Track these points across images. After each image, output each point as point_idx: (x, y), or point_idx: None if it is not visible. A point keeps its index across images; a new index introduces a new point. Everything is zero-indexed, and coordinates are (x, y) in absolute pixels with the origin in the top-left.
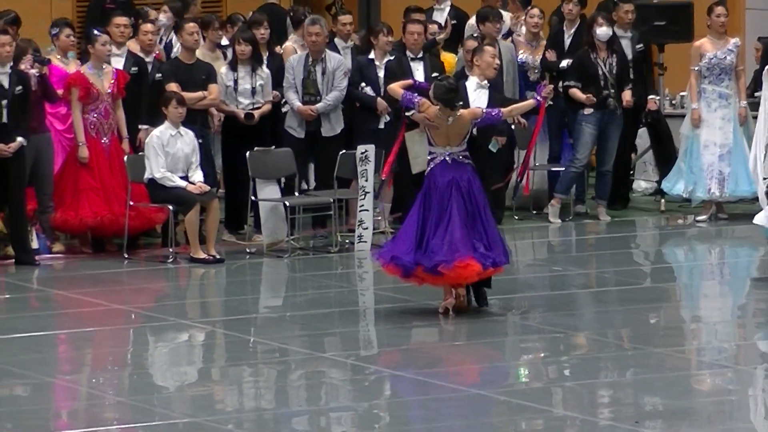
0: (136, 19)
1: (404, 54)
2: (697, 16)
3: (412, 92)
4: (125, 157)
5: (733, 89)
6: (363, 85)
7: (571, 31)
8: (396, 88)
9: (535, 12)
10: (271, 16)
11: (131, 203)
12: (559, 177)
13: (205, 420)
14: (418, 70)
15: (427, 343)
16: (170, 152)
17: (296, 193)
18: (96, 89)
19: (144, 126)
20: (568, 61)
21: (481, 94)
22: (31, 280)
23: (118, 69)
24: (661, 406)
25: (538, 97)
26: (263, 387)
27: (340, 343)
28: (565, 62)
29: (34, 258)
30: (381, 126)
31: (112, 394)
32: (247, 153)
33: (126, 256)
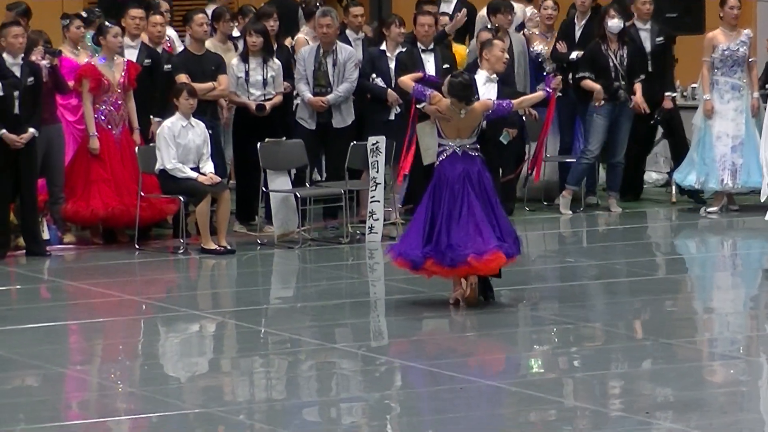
0: (146, 10)
1: (415, 46)
2: (709, 8)
3: (423, 85)
4: (136, 149)
5: (746, 81)
6: (374, 76)
7: (582, 23)
8: (407, 80)
9: (549, 3)
10: (283, 8)
11: (142, 194)
12: (571, 168)
13: (216, 410)
14: (429, 62)
15: (437, 334)
16: (181, 143)
17: (307, 185)
18: (107, 81)
19: (157, 118)
20: (579, 53)
21: (490, 88)
22: (42, 271)
23: (129, 60)
24: (672, 397)
25: (548, 89)
26: (274, 378)
27: (351, 334)
28: (575, 54)
29: (45, 249)
30: (392, 117)
31: (124, 385)
32: (258, 144)
33: (137, 247)
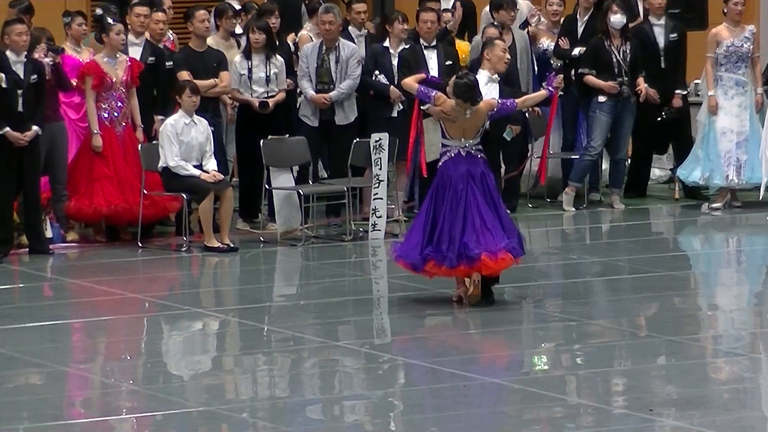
0: (149, 7)
1: (418, 42)
2: (711, 4)
3: (426, 86)
4: (139, 146)
5: (750, 77)
6: (377, 73)
7: (585, 19)
8: (410, 82)
9: (554, 0)
10: (286, 4)
11: (145, 192)
12: (573, 165)
13: (219, 408)
14: (431, 59)
15: (440, 332)
16: (184, 141)
17: (310, 182)
18: (110, 78)
19: (160, 116)
20: (581, 49)
21: (491, 88)
22: (45, 269)
23: (132, 58)
24: (676, 394)
25: (550, 88)
26: (277, 375)
27: (354, 331)
28: (577, 50)
29: (48, 247)
30: (394, 114)
31: (127, 383)
32: (261, 141)
33: (140, 244)
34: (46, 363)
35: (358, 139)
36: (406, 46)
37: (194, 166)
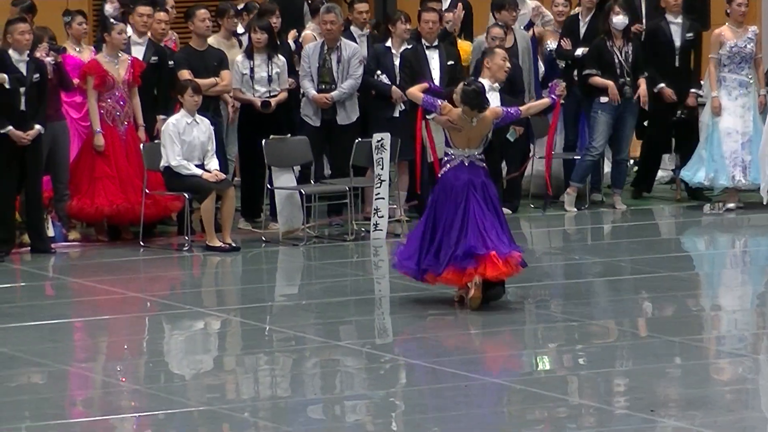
0: (152, 6)
1: (419, 42)
2: (713, 5)
3: (430, 95)
4: (141, 145)
5: (753, 77)
6: (378, 73)
7: (587, 19)
8: (415, 92)
9: (560, 0)
10: (287, 4)
11: (147, 191)
12: (575, 165)
13: (221, 408)
14: (433, 59)
15: (442, 332)
16: (186, 140)
17: (312, 182)
18: (111, 77)
19: (162, 116)
20: (584, 50)
21: (492, 97)
22: (47, 268)
23: (134, 57)
24: (678, 394)
25: (553, 96)
26: (279, 375)
27: (356, 331)
28: (580, 50)
29: (50, 246)
30: (396, 114)
31: (128, 382)
32: (263, 141)
33: (142, 244)
34: (48, 362)
35: (359, 139)
36: (408, 47)
37: (196, 166)
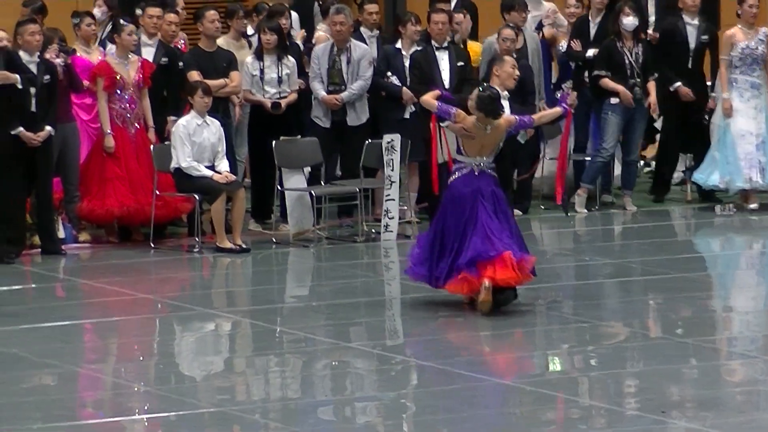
0: (162, 8)
1: (429, 44)
2: (723, 6)
3: (444, 102)
4: (151, 147)
5: (764, 79)
6: (389, 74)
7: (597, 21)
8: (429, 99)
9: (572, 2)
10: (298, 4)
11: (157, 193)
12: (585, 167)
13: (231, 409)
14: (443, 60)
15: (453, 333)
16: (196, 141)
17: (322, 183)
18: (122, 79)
19: (172, 117)
20: (595, 51)
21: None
22: (57, 270)
23: (143, 59)
24: (689, 395)
25: (564, 105)
26: (289, 376)
27: (366, 332)
28: (591, 51)
29: (61, 247)
30: (407, 116)
31: (139, 384)
32: (273, 142)
33: (152, 245)
34: (58, 363)
35: (370, 140)
36: (418, 48)
37: (206, 167)
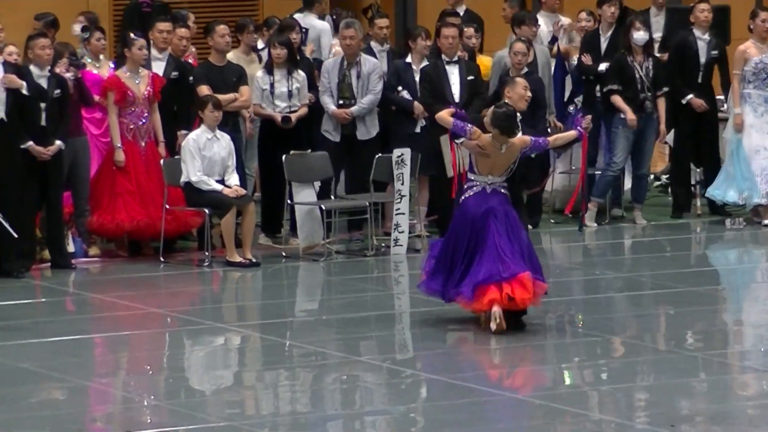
0: (173, 22)
1: (439, 58)
2: (734, 20)
3: (459, 119)
4: (162, 161)
5: None
6: (400, 88)
7: (608, 35)
8: (445, 116)
9: (583, 15)
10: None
11: (168, 207)
12: (596, 181)
13: (241, 424)
14: (453, 74)
15: (463, 347)
16: (207, 156)
17: (332, 197)
18: (132, 93)
19: (183, 131)
20: (607, 65)
21: None
22: (67, 284)
23: (154, 73)
24: (699, 409)
25: (579, 128)
26: (299, 391)
27: (376, 346)
28: (603, 65)
29: (71, 261)
30: (417, 130)
31: (149, 398)
32: (284, 156)
33: (162, 259)
34: (68, 378)
35: (380, 155)
36: (428, 63)
37: (216, 181)
